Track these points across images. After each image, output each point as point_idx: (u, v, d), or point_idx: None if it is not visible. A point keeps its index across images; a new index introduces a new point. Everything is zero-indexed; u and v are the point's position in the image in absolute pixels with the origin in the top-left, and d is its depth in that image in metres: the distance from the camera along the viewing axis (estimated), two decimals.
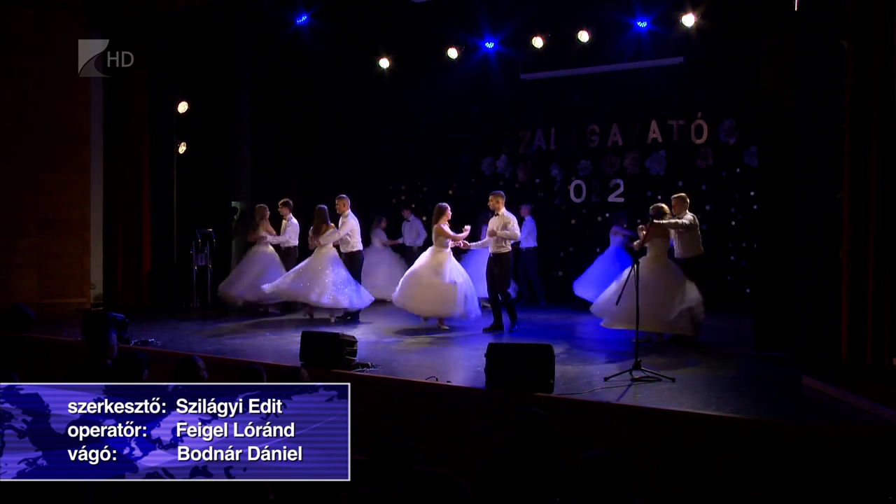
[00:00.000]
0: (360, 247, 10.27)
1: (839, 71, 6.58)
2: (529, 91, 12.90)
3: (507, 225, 9.09)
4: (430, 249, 9.49)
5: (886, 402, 5.21)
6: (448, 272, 9.25)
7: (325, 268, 9.87)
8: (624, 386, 6.11)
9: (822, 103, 6.90)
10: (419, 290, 9.29)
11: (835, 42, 6.72)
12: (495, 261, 9.18)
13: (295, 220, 10.97)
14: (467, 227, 9.58)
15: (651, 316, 7.59)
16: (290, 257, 10.83)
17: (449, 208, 9.48)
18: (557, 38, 11.93)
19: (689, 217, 8.35)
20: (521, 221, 10.77)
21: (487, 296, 9.47)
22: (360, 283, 10.11)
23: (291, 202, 11.01)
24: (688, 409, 5.37)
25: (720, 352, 7.89)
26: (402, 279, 9.60)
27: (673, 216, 8.31)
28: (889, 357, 6.13)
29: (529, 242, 11.75)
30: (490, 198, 9.31)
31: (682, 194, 8.64)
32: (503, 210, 9.19)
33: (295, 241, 10.96)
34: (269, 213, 11.05)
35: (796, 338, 7.15)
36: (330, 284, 9.77)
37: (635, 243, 8.41)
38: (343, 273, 9.93)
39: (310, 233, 10.20)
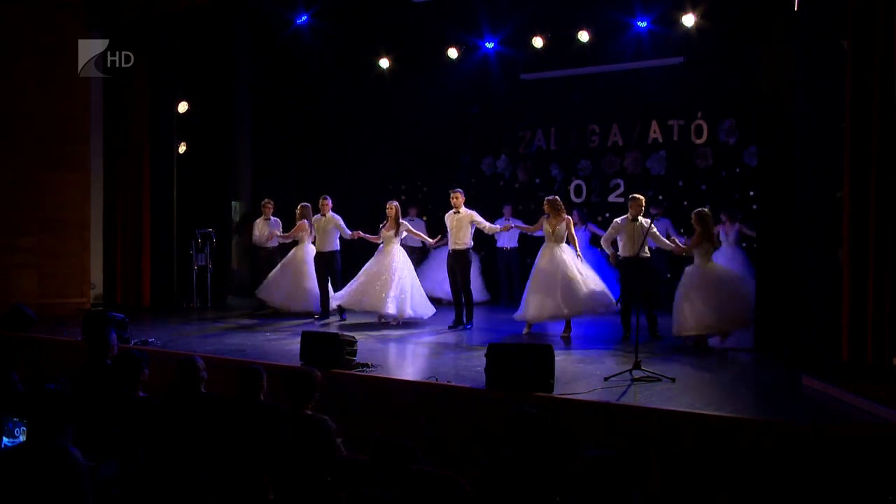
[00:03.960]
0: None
1: (839, 71, 6.57)
2: (529, 91, 12.90)
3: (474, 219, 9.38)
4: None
5: (886, 402, 5.21)
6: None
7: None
8: (624, 386, 6.10)
9: (822, 103, 6.89)
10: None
11: (835, 42, 6.71)
12: (458, 257, 9.27)
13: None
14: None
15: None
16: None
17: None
18: (557, 38, 11.92)
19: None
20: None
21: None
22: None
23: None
24: (688, 409, 5.37)
25: (720, 352, 7.90)
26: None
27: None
28: (889, 357, 6.12)
29: (512, 243, 11.94)
30: (453, 195, 9.42)
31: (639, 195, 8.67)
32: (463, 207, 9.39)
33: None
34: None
35: (796, 338, 7.14)
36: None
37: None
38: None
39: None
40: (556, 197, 9.14)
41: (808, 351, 6.93)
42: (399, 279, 9.59)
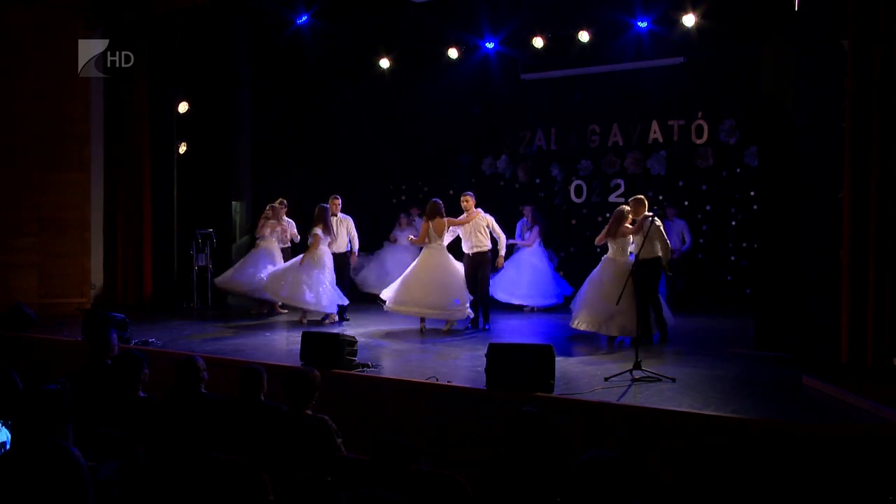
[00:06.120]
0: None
1: (839, 71, 6.58)
2: (529, 91, 12.91)
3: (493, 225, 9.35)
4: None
5: (886, 402, 5.21)
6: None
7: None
8: (624, 386, 6.10)
9: (822, 103, 6.89)
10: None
11: (835, 42, 6.72)
12: (478, 260, 9.26)
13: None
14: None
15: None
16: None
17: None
18: (557, 38, 11.93)
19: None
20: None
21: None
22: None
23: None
24: (688, 409, 5.37)
25: (720, 352, 7.89)
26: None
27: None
28: (889, 357, 6.13)
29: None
30: (464, 198, 9.42)
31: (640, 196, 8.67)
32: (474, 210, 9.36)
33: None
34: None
35: (796, 338, 7.14)
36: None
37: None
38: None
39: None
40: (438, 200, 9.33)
41: (808, 351, 6.93)
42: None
